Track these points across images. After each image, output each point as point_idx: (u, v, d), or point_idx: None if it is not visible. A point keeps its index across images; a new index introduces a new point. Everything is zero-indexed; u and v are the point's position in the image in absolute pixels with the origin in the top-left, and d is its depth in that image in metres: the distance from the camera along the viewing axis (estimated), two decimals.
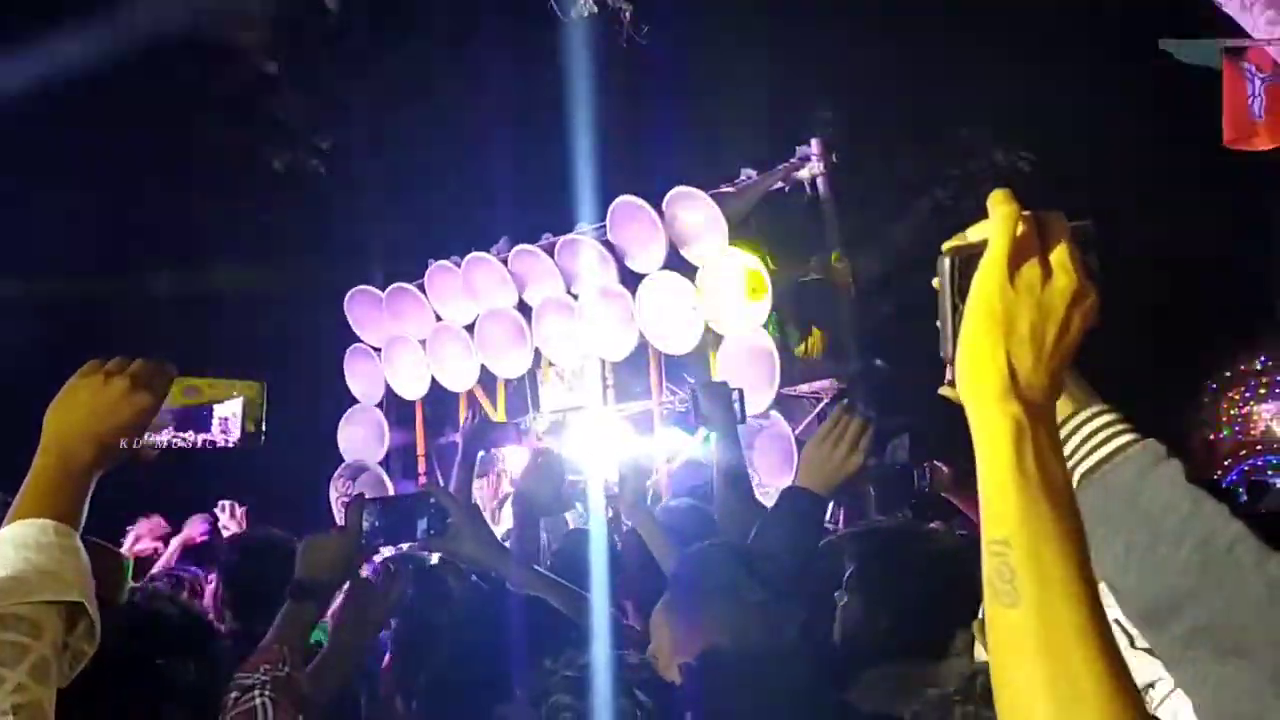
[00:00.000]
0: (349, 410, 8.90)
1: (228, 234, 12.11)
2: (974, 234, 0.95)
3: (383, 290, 8.67)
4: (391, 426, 8.74)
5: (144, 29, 10.61)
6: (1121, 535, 0.98)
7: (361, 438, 8.77)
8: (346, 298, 8.78)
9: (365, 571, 2.37)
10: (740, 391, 3.17)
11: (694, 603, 1.88)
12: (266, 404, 1.50)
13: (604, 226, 7.24)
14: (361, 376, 8.77)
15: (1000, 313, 0.91)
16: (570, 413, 7.64)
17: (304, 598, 2.06)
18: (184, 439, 1.44)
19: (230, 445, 1.48)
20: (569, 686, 1.40)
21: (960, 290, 0.95)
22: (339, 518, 8.12)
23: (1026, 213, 0.95)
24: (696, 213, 6.78)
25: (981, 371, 0.90)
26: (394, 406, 8.81)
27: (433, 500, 2.27)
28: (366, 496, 2.29)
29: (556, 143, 10.54)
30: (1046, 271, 0.92)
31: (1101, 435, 1.04)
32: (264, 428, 1.51)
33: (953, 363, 0.96)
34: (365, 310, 8.71)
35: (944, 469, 3.40)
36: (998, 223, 0.93)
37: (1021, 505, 0.84)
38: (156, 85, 11.42)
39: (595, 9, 8.02)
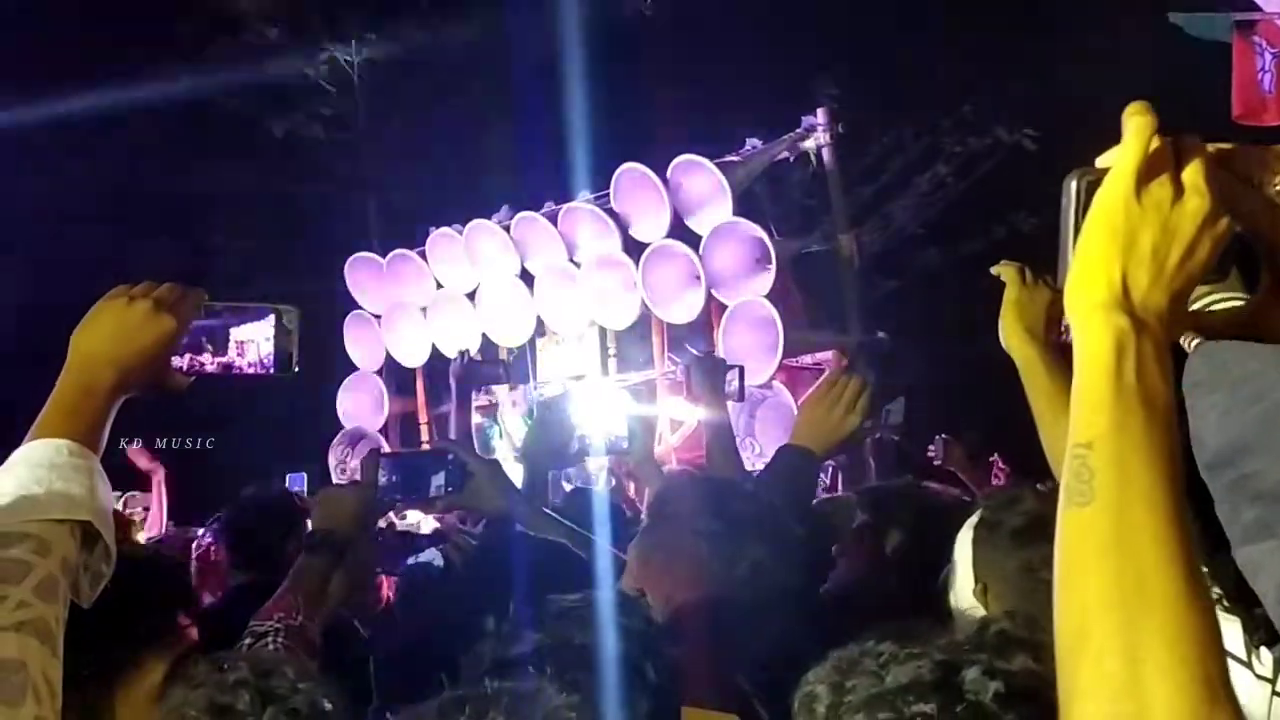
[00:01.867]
0: (348, 377, 8.88)
1: (228, 198, 12.08)
2: (1103, 161, 0.92)
3: (383, 257, 8.64)
4: (391, 394, 8.73)
5: None
6: (1212, 395, 0.97)
7: (361, 404, 8.75)
8: (346, 264, 8.75)
9: None
10: (740, 369, 3.18)
11: (652, 529, 1.87)
12: (299, 332, 1.47)
13: (607, 195, 7.21)
14: (361, 343, 8.75)
15: (1121, 227, 0.87)
16: (570, 381, 7.62)
17: (319, 549, 2.06)
18: (203, 362, 1.41)
19: (263, 371, 1.45)
20: (567, 615, 1.40)
21: (1085, 215, 0.91)
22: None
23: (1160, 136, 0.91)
24: (701, 181, 6.74)
25: (1092, 281, 0.87)
26: (394, 374, 8.79)
27: (451, 456, 2.26)
28: (381, 452, 2.29)
29: (560, 111, 10.51)
30: (1178, 191, 0.87)
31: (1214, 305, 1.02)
32: (297, 355, 1.48)
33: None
34: (365, 277, 8.67)
35: (956, 444, 3.40)
36: (1130, 135, 0.89)
37: (1113, 414, 0.82)
38: (158, 50, 11.36)
39: None
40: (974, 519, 1.82)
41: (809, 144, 7.00)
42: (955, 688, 1.02)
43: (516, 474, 2.55)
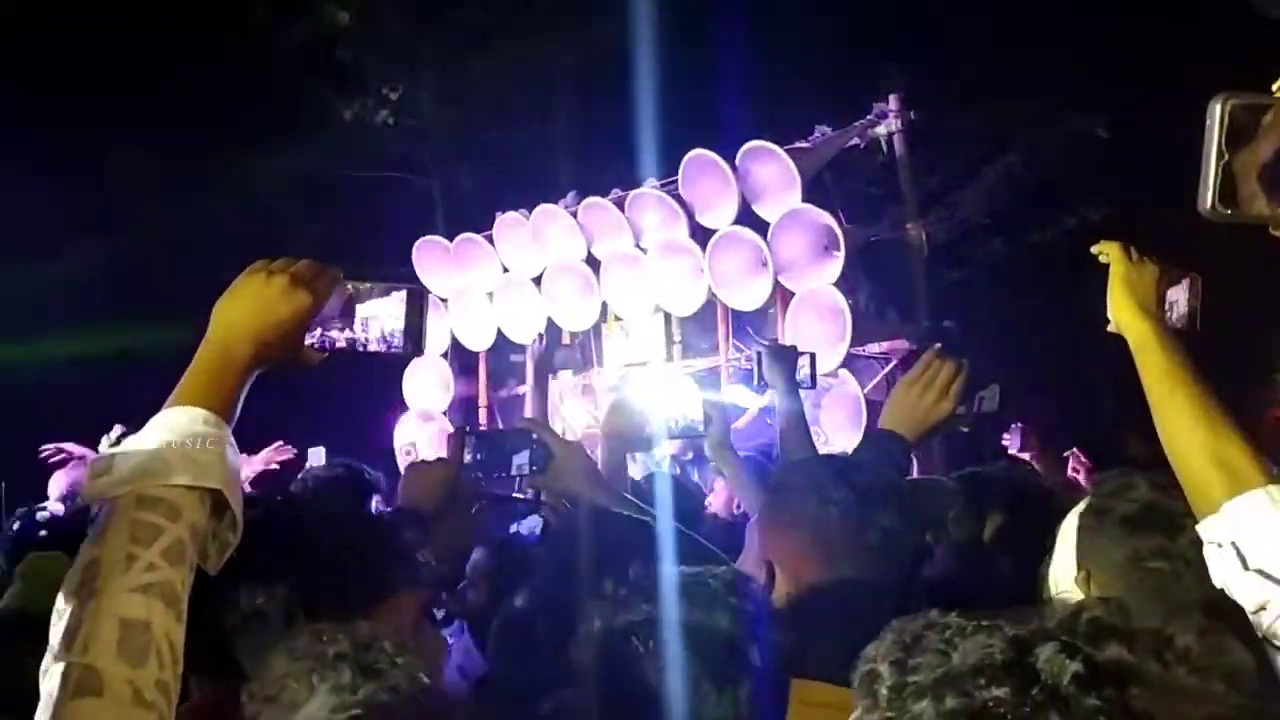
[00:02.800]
0: (414, 360, 8.97)
1: (296, 182, 12.26)
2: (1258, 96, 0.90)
3: (450, 241, 8.72)
4: (455, 377, 8.82)
5: None
6: None
7: (426, 387, 8.85)
8: (414, 248, 8.83)
9: None
10: (811, 356, 3.17)
11: (778, 503, 1.88)
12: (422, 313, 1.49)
13: (674, 181, 7.20)
14: (427, 327, 8.83)
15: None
16: (634, 368, 7.64)
17: (407, 524, 2.10)
18: (333, 339, 1.43)
19: (388, 349, 1.47)
20: (682, 589, 1.41)
21: (1229, 140, 0.90)
22: (402, 466, 8.24)
23: None
24: (770, 168, 6.71)
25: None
26: (456, 357, 8.88)
27: (534, 436, 2.29)
28: (469, 429, 2.33)
29: (628, 96, 10.50)
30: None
31: None
32: (423, 335, 1.50)
33: (1212, 211, 0.92)
34: (432, 261, 8.76)
35: (1034, 432, 3.37)
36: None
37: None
38: (229, 34, 11.54)
39: None
40: (1081, 505, 1.79)
41: (879, 131, 6.93)
42: (1029, 668, 0.95)
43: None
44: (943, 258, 9.61)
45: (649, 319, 7.50)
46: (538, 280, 7.95)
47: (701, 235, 7.01)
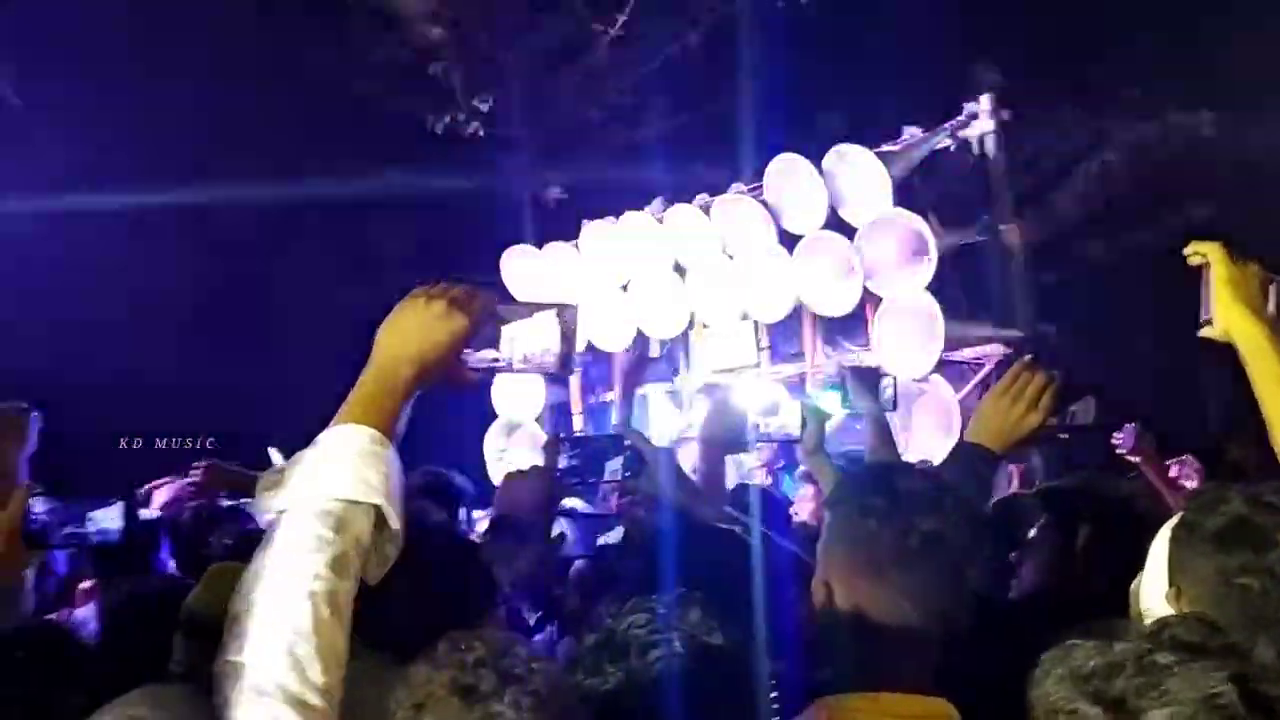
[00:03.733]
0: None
1: (387, 195, 12.54)
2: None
3: (539, 250, 8.81)
4: (546, 384, 8.89)
5: None
6: None
7: (515, 395, 8.95)
8: (503, 257, 8.94)
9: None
10: (895, 379, 3.17)
11: (830, 519, 1.85)
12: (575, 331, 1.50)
13: (760, 186, 7.17)
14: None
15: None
16: (722, 374, 7.62)
17: (502, 533, 2.12)
18: (484, 359, 1.46)
19: (536, 369, 1.49)
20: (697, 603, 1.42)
21: None
22: (494, 475, 8.34)
23: None
24: (858, 172, 6.64)
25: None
26: None
27: (627, 443, 2.31)
28: (563, 435, 2.36)
29: (713, 102, 10.52)
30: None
31: None
32: (573, 355, 1.51)
33: None
34: (521, 269, 8.85)
35: (1147, 433, 3.26)
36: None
37: None
38: (322, 51, 11.86)
39: None
40: (1174, 519, 1.74)
41: (971, 131, 6.80)
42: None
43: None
44: (1039, 260, 9.38)
45: (737, 325, 7.47)
46: (625, 288, 7.98)
47: (789, 241, 6.96)
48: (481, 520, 3.21)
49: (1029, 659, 1.18)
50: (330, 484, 1.26)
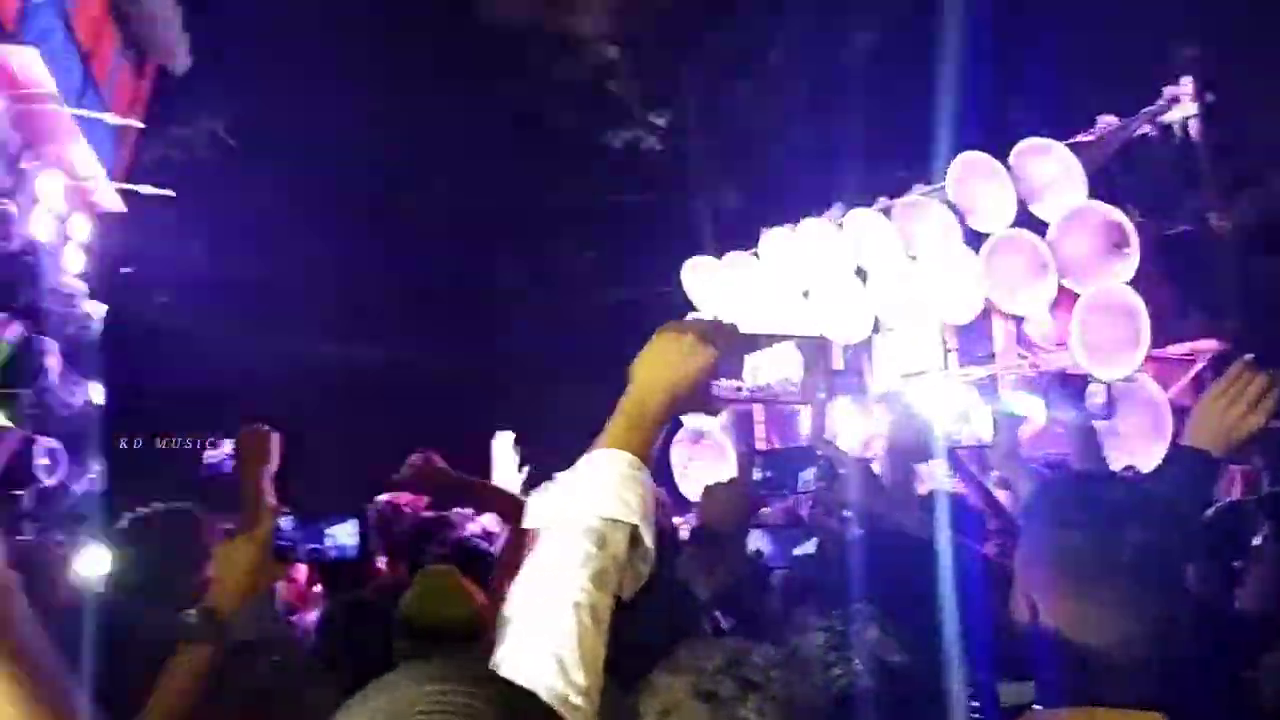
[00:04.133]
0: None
1: (569, 211, 12.90)
2: None
3: (719, 260, 8.86)
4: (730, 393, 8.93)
5: (493, 23, 11.45)
6: None
7: None
8: (683, 267, 9.04)
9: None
10: (1108, 386, 3.02)
11: (1026, 533, 1.78)
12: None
13: (943, 186, 7.00)
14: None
15: None
16: (909, 378, 7.47)
17: (706, 543, 2.17)
18: (733, 386, 1.54)
19: (783, 397, 1.56)
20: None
21: None
22: (680, 484, 8.43)
23: None
24: (1048, 165, 6.39)
25: None
26: None
27: (820, 454, 2.32)
28: (755, 450, 2.39)
29: (890, 104, 10.32)
30: None
31: None
32: (825, 380, 1.56)
33: None
34: (702, 280, 8.92)
35: None
36: None
37: None
38: (505, 74, 12.32)
39: None
40: None
41: (1172, 116, 6.43)
42: None
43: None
44: (1252, 247, 8.75)
45: (923, 328, 7.30)
46: (807, 294, 7.93)
47: (976, 240, 6.76)
48: (682, 527, 3.27)
49: (1255, 670, 1.13)
50: (594, 504, 1.36)
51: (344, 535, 2.20)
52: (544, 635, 1.28)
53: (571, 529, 1.35)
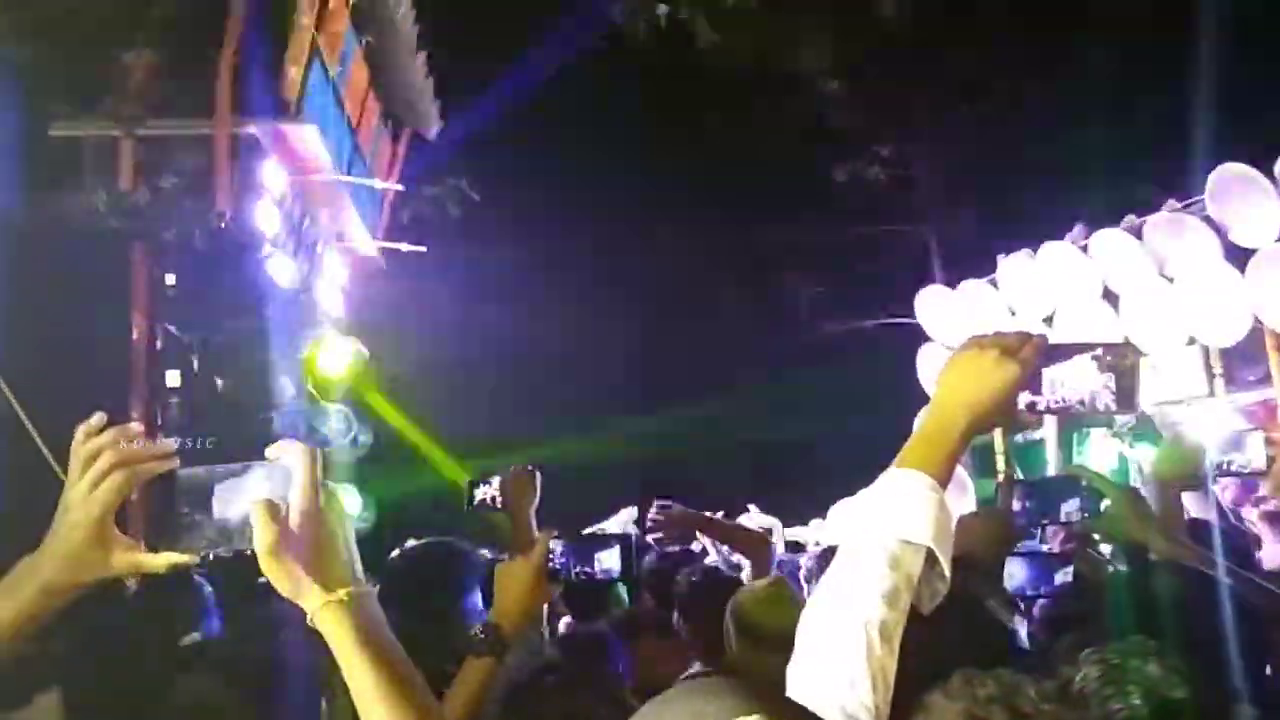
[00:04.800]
0: (922, 409, 9.01)
1: (796, 245, 12.98)
2: None
3: (949, 288, 8.68)
4: None
5: (717, 64, 11.73)
6: None
7: None
8: (917, 296, 8.91)
9: None
10: None
11: None
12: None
13: (1198, 200, 6.61)
14: (936, 374, 8.82)
15: None
16: (1169, 405, 7.05)
17: (966, 571, 2.19)
18: (1035, 402, 1.50)
19: (1091, 409, 1.52)
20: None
21: None
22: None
23: None
24: None
25: None
26: None
27: (1084, 482, 2.30)
28: (1016, 478, 2.39)
29: (1132, 116, 9.84)
30: None
31: None
32: (1134, 392, 1.48)
33: None
34: (936, 308, 8.76)
35: None
36: None
37: None
38: (731, 117, 12.59)
39: None
40: None
41: None
42: None
43: None
44: None
45: (1182, 352, 6.89)
46: (1049, 320, 7.65)
47: (1238, 256, 6.34)
48: None
49: None
50: (890, 524, 1.38)
51: (609, 560, 2.36)
52: (835, 652, 1.32)
53: (867, 550, 1.37)
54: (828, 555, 1.44)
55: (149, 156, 6.56)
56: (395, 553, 3.40)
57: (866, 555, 1.38)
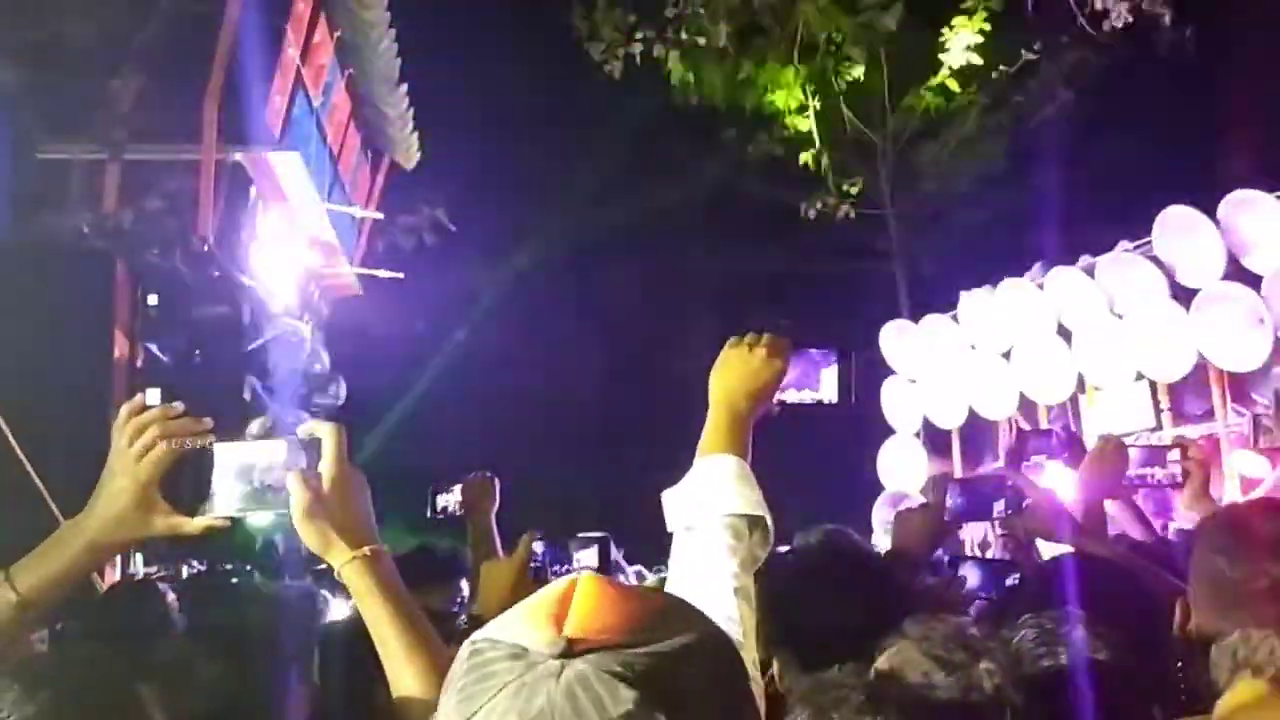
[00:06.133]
0: (887, 439, 9.25)
1: (765, 279, 13.25)
2: None
3: (915, 323, 8.96)
4: (929, 455, 8.94)
5: (686, 103, 12.02)
6: None
7: (901, 466, 9.06)
8: (881, 331, 9.17)
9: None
10: None
11: (1194, 555, 1.88)
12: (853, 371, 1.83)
13: (1148, 242, 6.92)
14: (899, 406, 9.09)
15: None
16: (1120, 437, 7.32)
17: (894, 561, 2.38)
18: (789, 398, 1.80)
19: (825, 402, 1.82)
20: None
21: None
22: (879, 545, 8.46)
23: None
24: (1258, 217, 6.25)
25: None
26: (930, 436, 9.01)
27: (1010, 484, 2.50)
28: (951, 476, 2.59)
29: (1087, 162, 10.21)
30: None
31: None
32: (848, 389, 1.83)
33: None
34: (899, 342, 9.03)
35: None
36: None
37: None
38: (700, 149, 12.89)
39: (1130, 19, 7.69)
40: None
41: None
42: None
43: None
44: None
45: (1131, 386, 7.18)
46: (1007, 355, 7.93)
47: (1185, 295, 6.64)
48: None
49: None
50: (725, 503, 1.57)
51: (589, 558, 2.54)
52: (718, 621, 1.50)
53: (712, 527, 1.55)
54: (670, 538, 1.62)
55: (134, 180, 6.71)
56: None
57: (714, 533, 1.56)
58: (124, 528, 1.42)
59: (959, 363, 8.41)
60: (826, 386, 1.92)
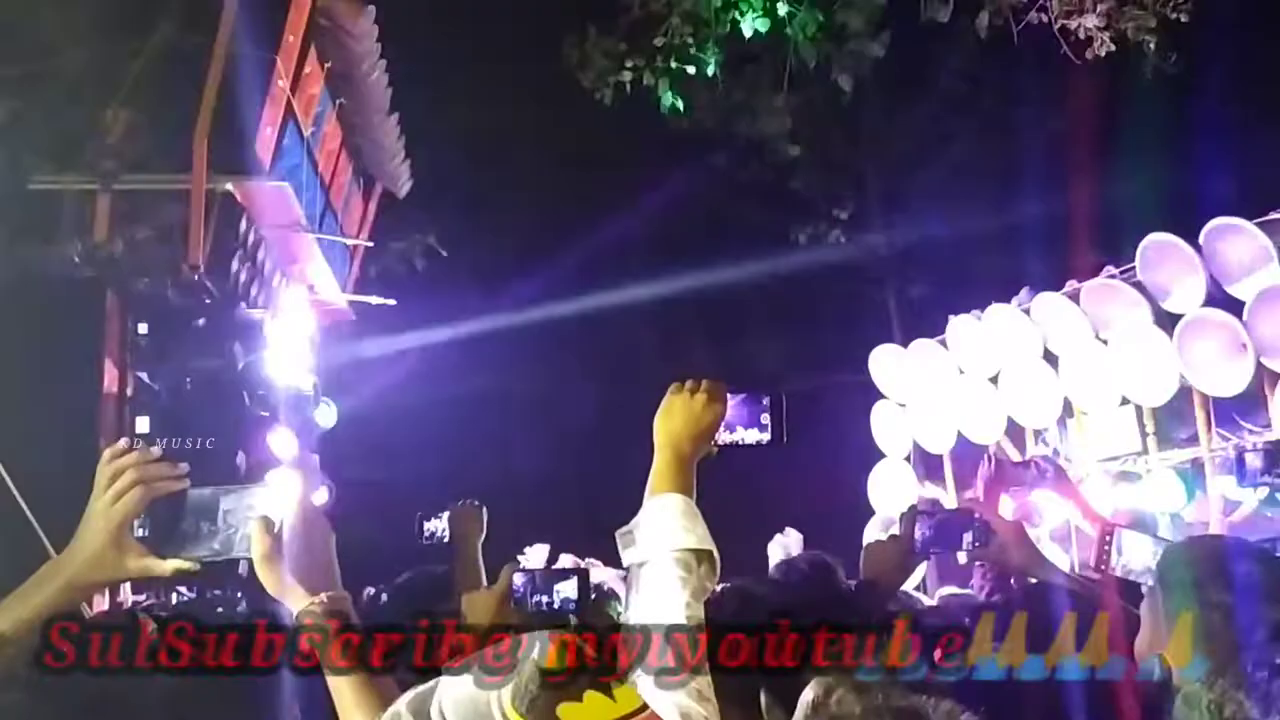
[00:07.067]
0: (877, 464, 9.28)
1: (758, 302, 13.31)
2: None
3: (905, 347, 9.00)
4: (919, 479, 8.97)
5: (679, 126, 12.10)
6: None
7: (892, 491, 9.08)
8: (870, 355, 9.22)
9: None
10: None
11: (1160, 596, 1.92)
12: (785, 411, 1.93)
13: (1132, 268, 6.98)
14: (889, 431, 9.13)
15: None
16: (1105, 463, 7.36)
17: (865, 599, 2.43)
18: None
19: (758, 443, 1.93)
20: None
21: None
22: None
23: None
24: (1240, 245, 6.31)
25: None
26: (921, 460, 9.04)
27: (977, 517, 2.55)
28: (919, 508, 2.63)
29: (1072, 188, 10.29)
30: None
31: None
32: (783, 431, 1.95)
33: None
34: (888, 367, 9.07)
35: None
36: None
37: None
38: (691, 175, 12.98)
39: (1113, 47, 7.78)
40: None
41: None
42: None
43: None
44: None
45: (1117, 411, 7.22)
46: (995, 379, 7.97)
47: (1168, 322, 6.70)
48: None
49: None
50: (673, 539, 1.67)
51: (568, 590, 2.58)
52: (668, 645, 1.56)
53: (663, 561, 1.65)
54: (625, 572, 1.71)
55: (125, 209, 6.75)
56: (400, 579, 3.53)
57: (666, 567, 1.65)
58: (99, 568, 1.47)
59: (948, 387, 8.45)
60: (762, 428, 2.02)
